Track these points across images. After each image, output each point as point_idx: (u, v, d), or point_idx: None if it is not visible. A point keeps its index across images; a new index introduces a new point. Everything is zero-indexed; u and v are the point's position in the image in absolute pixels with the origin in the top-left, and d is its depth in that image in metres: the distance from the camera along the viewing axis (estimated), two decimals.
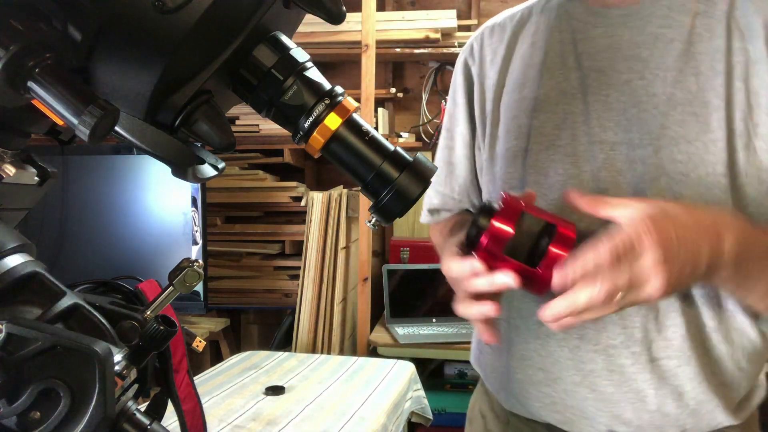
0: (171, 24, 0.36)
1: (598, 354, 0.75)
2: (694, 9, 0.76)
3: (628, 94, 0.76)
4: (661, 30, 0.76)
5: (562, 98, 0.80)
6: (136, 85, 0.37)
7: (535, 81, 0.82)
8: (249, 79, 0.44)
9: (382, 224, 0.51)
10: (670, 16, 0.76)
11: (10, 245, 0.40)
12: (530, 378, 0.82)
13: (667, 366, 0.73)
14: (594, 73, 0.78)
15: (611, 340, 0.74)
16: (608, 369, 0.75)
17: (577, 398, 0.77)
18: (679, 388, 0.74)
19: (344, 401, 1.63)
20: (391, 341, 2.23)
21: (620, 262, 0.57)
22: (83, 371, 0.35)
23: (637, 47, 0.77)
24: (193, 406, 0.70)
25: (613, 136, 0.76)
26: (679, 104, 0.73)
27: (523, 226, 0.61)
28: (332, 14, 0.42)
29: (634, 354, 0.74)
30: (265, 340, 2.73)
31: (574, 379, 0.77)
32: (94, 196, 2.26)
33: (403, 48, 2.46)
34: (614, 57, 0.78)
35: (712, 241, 0.61)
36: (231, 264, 2.49)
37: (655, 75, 0.75)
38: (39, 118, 0.41)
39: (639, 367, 0.74)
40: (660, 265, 0.57)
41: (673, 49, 0.75)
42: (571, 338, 0.77)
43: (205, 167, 0.44)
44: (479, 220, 0.61)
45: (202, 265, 0.47)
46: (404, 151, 0.48)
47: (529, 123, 0.82)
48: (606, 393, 0.75)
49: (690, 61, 0.74)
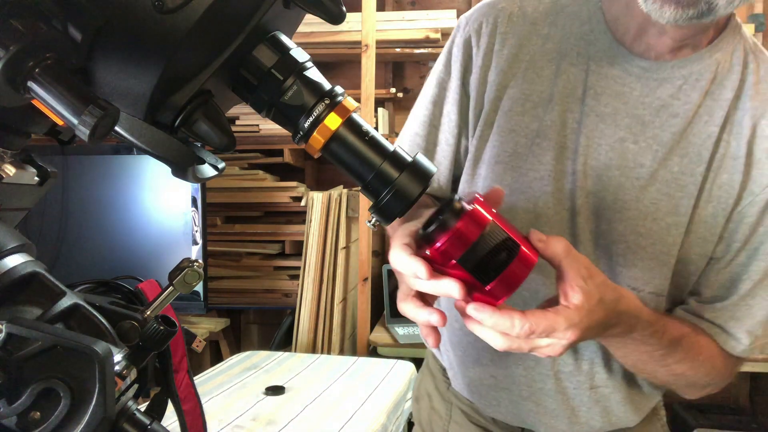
0: (171, 24, 0.36)
1: (549, 378, 0.84)
2: (706, 88, 0.75)
3: (618, 152, 0.76)
4: (670, 100, 0.76)
5: (561, 129, 0.78)
6: (136, 85, 0.37)
7: (543, 100, 0.79)
8: (249, 79, 0.44)
9: (382, 224, 0.51)
10: (683, 89, 0.75)
11: (10, 245, 0.40)
12: (481, 380, 0.88)
13: (602, 392, 0.84)
14: (594, 117, 0.77)
15: (563, 368, 0.83)
16: (555, 390, 0.84)
17: (522, 408, 0.87)
18: (607, 408, 0.85)
19: (344, 401, 1.63)
20: (391, 341, 2.23)
21: (541, 335, 0.58)
22: (83, 371, 0.35)
23: (642, 107, 0.76)
24: (193, 406, 0.70)
25: (592, 186, 0.77)
26: (659, 182, 0.75)
27: (485, 234, 0.54)
28: (332, 14, 0.42)
29: (579, 381, 0.83)
30: (265, 340, 2.73)
31: (523, 394, 0.86)
32: (94, 196, 2.26)
33: (403, 48, 2.46)
34: (618, 109, 0.77)
35: (613, 322, 0.65)
36: (231, 264, 2.49)
37: (649, 145, 0.75)
38: (39, 118, 0.41)
39: (580, 392, 0.84)
40: (567, 347, 0.60)
41: (674, 125, 0.75)
42: (527, 359, 0.83)
43: (205, 167, 0.44)
44: (445, 218, 0.54)
45: (202, 265, 0.47)
46: (404, 151, 0.48)
47: (527, 143, 0.79)
48: (549, 408, 0.85)
49: (682, 141, 0.75)
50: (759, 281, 0.74)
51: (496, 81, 0.82)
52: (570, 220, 0.78)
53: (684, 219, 0.74)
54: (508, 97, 0.81)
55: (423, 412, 1.00)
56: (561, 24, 0.81)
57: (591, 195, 0.77)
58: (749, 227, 0.75)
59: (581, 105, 0.78)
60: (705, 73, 0.75)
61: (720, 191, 0.75)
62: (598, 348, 0.81)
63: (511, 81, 0.81)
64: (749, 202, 0.74)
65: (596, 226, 0.77)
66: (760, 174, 0.74)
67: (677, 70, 0.75)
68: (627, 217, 0.75)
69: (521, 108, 0.80)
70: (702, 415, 2.34)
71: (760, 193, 0.74)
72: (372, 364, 1.96)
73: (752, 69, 0.76)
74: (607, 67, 0.77)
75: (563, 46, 0.80)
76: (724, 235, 0.76)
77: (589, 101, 0.77)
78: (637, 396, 0.86)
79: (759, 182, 0.74)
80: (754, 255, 0.75)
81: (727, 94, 0.75)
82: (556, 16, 0.82)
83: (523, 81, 0.81)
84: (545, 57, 0.80)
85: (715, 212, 0.75)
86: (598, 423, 0.86)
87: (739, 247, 0.75)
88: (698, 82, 0.75)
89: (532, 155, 0.79)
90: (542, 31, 0.82)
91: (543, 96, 0.79)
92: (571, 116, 0.78)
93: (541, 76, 0.80)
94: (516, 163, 0.80)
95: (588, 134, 0.77)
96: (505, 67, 0.81)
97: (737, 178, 0.74)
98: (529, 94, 0.80)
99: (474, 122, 0.85)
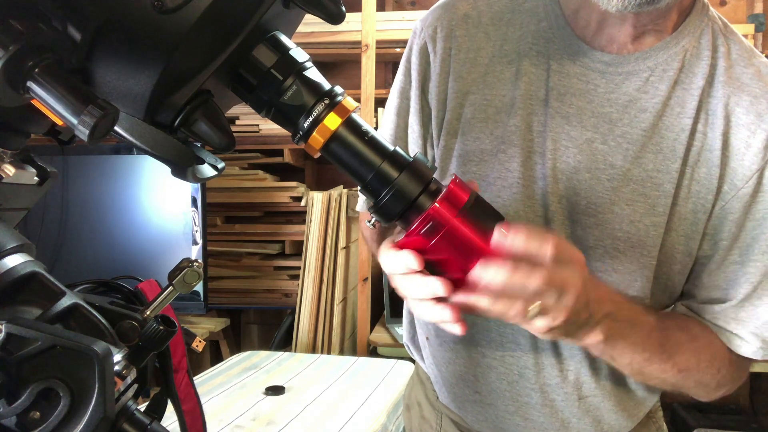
0: (170, 24, 0.36)
1: (535, 391, 0.80)
2: (675, 78, 0.72)
3: (586, 154, 0.72)
4: (637, 94, 0.72)
5: (527, 133, 0.74)
6: (136, 85, 0.37)
7: (505, 104, 0.76)
8: (248, 79, 0.44)
9: (382, 224, 0.51)
10: (651, 81, 0.72)
11: (10, 245, 0.40)
12: (466, 396, 0.85)
13: (592, 402, 0.81)
14: (559, 118, 0.73)
15: (548, 380, 0.80)
16: (542, 404, 0.81)
17: (510, 423, 0.83)
18: (598, 418, 0.82)
19: (344, 401, 1.63)
20: (391, 341, 2.23)
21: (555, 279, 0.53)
22: (83, 371, 0.35)
23: (609, 104, 0.72)
24: (192, 406, 0.70)
25: (564, 191, 0.73)
26: (632, 182, 0.71)
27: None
28: (332, 14, 0.42)
29: (566, 393, 0.80)
30: (265, 340, 2.73)
31: (509, 409, 0.82)
32: (94, 196, 2.26)
33: (402, 48, 2.44)
34: (583, 109, 0.73)
35: (601, 308, 0.62)
36: (231, 264, 2.49)
37: (619, 144, 0.72)
38: (39, 118, 0.41)
39: (568, 403, 0.80)
40: (568, 314, 0.54)
41: (643, 120, 0.71)
42: (511, 374, 0.81)
43: (204, 167, 0.44)
44: (421, 201, 0.48)
45: (201, 265, 0.47)
46: (404, 151, 0.48)
47: (492, 150, 0.76)
48: (537, 422, 0.82)
49: (654, 137, 0.71)
50: (759, 283, 0.71)
51: (456, 87, 0.78)
52: (544, 227, 0.74)
53: (662, 219, 0.71)
54: (470, 103, 0.77)
55: (414, 421, 0.98)
56: (518, 23, 0.77)
57: (563, 199, 0.73)
58: (735, 224, 0.71)
59: (545, 107, 0.74)
60: (672, 62, 0.72)
61: (699, 186, 0.71)
62: (584, 357, 0.78)
63: (471, 87, 0.77)
64: (732, 197, 0.70)
65: (572, 231, 0.74)
66: (740, 165, 0.70)
67: (642, 62, 0.72)
68: (602, 221, 0.72)
69: (483, 114, 0.77)
70: (702, 415, 2.34)
71: (743, 186, 0.70)
72: (372, 364, 1.96)
73: (722, 52, 0.72)
74: (569, 64, 0.74)
75: (522, 46, 0.76)
76: (707, 231, 0.72)
77: (553, 102, 0.74)
78: (630, 402, 0.82)
79: (740, 174, 0.70)
80: (747, 253, 0.71)
81: (698, 82, 0.71)
82: (512, 15, 0.78)
83: (484, 86, 0.77)
84: (504, 59, 0.77)
85: (695, 208, 0.71)
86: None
87: (727, 245, 0.72)
88: (666, 73, 0.71)
89: (498, 162, 0.75)
90: (499, 31, 0.78)
91: (505, 100, 0.76)
92: (536, 119, 0.74)
93: (502, 80, 0.76)
94: (483, 172, 0.76)
95: (554, 137, 0.73)
96: (464, 73, 0.78)
97: (715, 171, 0.70)
98: (490, 99, 0.77)
99: (437, 131, 0.81)
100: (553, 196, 0.73)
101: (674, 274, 0.74)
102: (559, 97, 0.74)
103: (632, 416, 0.84)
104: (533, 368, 0.79)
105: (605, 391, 0.80)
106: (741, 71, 0.71)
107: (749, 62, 0.72)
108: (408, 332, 0.96)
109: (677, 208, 0.72)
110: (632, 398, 0.83)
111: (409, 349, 0.96)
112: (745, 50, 0.73)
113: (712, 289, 0.74)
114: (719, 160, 0.70)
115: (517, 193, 0.74)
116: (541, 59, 0.75)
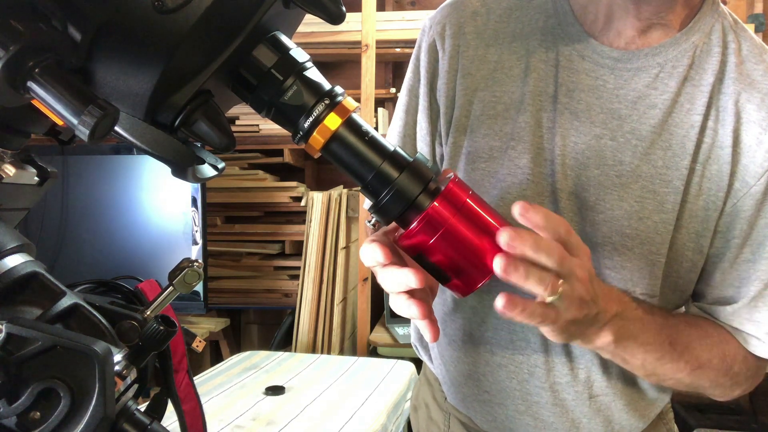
0: (171, 24, 0.36)
1: (545, 390, 0.79)
2: (685, 74, 0.71)
3: (595, 150, 0.72)
4: (646, 90, 0.72)
5: (536, 130, 0.75)
6: (136, 86, 0.37)
7: (514, 101, 0.76)
8: (249, 79, 0.44)
9: (382, 224, 0.51)
10: (660, 77, 0.72)
11: (10, 245, 0.40)
12: (474, 395, 0.85)
13: (603, 401, 0.80)
14: (568, 114, 0.73)
15: (558, 379, 0.79)
16: (552, 403, 0.80)
17: (519, 423, 0.82)
18: (609, 418, 0.81)
19: (344, 401, 1.64)
20: (391, 341, 2.23)
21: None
22: (83, 371, 0.35)
23: (618, 101, 0.72)
24: (193, 406, 0.70)
25: (572, 188, 0.73)
26: (642, 178, 0.71)
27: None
28: (332, 14, 0.42)
29: (577, 392, 0.79)
30: (265, 340, 2.73)
31: (519, 408, 0.81)
32: (94, 196, 2.26)
33: (403, 48, 2.45)
34: (592, 105, 0.73)
35: (609, 306, 0.62)
36: (231, 264, 2.50)
37: (627, 140, 0.71)
38: (39, 118, 0.41)
39: (579, 402, 0.79)
40: (580, 304, 0.55)
41: (652, 116, 0.71)
42: (521, 372, 0.80)
43: (204, 167, 0.44)
44: (420, 199, 0.48)
45: (201, 265, 0.47)
46: (404, 151, 0.48)
47: (501, 147, 0.76)
48: (547, 422, 0.81)
49: (663, 134, 0.71)
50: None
51: (464, 85, 0.78)
52: None
53: (671, 216, 0.70)
54: (479, 100, 0.77)
55: (421, 422, 0.98)
56: (527, 19, 0.77)
57: (572, 196, 0.73)
58: (747, 221, 0.70)
59: (554, 103, 0.74)
60: (682, 59, 0.71)
61: (710, 183, 0.70)
62: (595, 355, 0.77)
63: (480, 84, 0.78)
64: (744, 194, 0.70)
65: (581, 228, 0.73)
66: (752, 163, 0.69)
67: (651, 58, 0.71)
68: (611, 218, 0.72)
69: (492, 111, 0.77)
70: (702, 415, 2.34)
71: (755, 183, 0.69)
72: (372, 364, 1.96)
73: (733, 49, 0.71)
74: (578, 60, 0.74)
75: (530, 42, 0.76)
76: (719, 228, 0.72)
77: (562, 98, 0.73)
78: (641, 402, 0.82)
79: (752, 172, 0.69)
80: (760, 251, 0.71)
81: (708, 79, 0.71)
82: (521, 12, 0.78)
83: (493, 83, 0.77)
84: (513, 56, 0.77)
85: (706, 206, 0.71)
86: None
87: (739, 243, 0.71)
88: (675, 69, 0.71)
89: (508, 159, 0.75)
90: (508, 28, 0.78)
91: (514, 97, 0.76)
92: (545, 115, 0.74)
93: (510, 77, 0.76)
94: (492, 168, 0.76)
95: (563, 133, 0.73)
96: (472, 70, 0.78)
97: (726, 168, 0.70)
98: (499, 96, 0.77)
99: (446, 128, 0.81)
100: (562, 193, 0.73)
101: (684, 272, 0.74)
102: (568, 93, 0.74)
103: (643, 416, 0.83)
104: (543, 367, 0.78)
105: (616, 390, 0.79)
106: (752, 68, 0.71)
107: (760, 59, 0.72)
108: (416, 332, 0.95)
109: (687, 206, 0.71)
110: (643, 398, 0.82)
111: (416, 349, 0.96)
112: (755, 47, 0.73)
113: (723, 288, 0.74)
114: (730, 157, 0.70)
115: (527, 189, 0.74)
116: (550, 55, 0.75)
